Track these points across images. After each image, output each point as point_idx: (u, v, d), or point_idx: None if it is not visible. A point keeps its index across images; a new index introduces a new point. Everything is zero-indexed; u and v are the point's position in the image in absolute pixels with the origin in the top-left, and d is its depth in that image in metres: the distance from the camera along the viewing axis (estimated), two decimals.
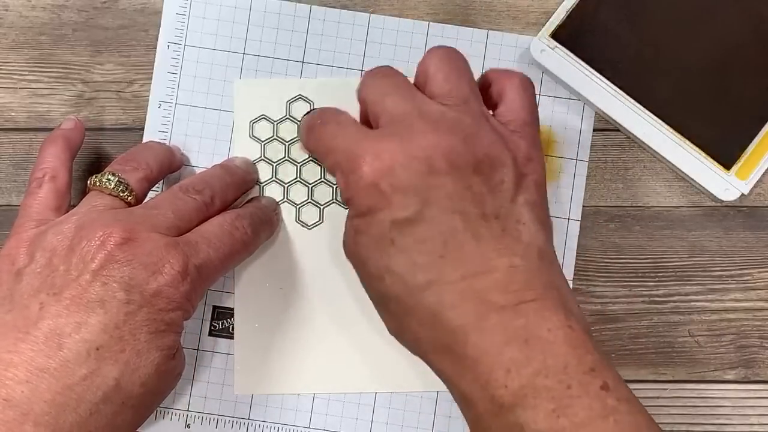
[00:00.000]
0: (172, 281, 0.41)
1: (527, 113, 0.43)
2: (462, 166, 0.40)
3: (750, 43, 0.51)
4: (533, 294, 0.39)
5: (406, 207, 0.39)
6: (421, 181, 0.40)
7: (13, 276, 0.41)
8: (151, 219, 0.42)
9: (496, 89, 0.44)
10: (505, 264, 0.39)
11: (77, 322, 0.40)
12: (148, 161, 0.46)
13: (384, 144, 0.40)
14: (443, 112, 0.41)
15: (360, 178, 0.40)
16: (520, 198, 0.41)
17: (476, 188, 0.40)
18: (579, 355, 0.38)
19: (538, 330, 0.38)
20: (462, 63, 0.44)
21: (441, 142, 0.40)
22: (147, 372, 0.41)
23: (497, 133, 0.41)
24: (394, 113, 0.41)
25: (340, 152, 0.42)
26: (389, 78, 0.44)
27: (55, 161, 0.46)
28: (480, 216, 0.40)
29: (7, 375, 0.39)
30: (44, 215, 0.44)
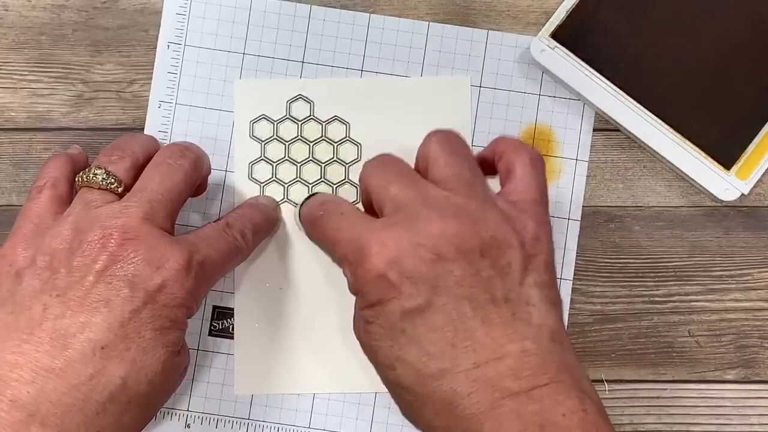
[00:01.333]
0: (176, 276, 0.41)
1: (535, 192, 0.43)
2: (469, 251, 0.39)
3: (750, 43, 0.51)
4: (546, 378, 0.38)
5: (415, 296, 0.39)
6: (429, 269, 0.39)
7: (13, 277, 0.41)
8: (150, 212, 0.42)
9: (504, 165, 0.44)
10: (517, 349, 0.39)
11: (82, 322, 0.40)
12: (133, 149, 0.45)
13: (390, 233, 0.40)
14: (447, 197, 0.41)
15: (368, 271, 0.40)
16: (528, 279, 0.40)
17: (484, 273, 0.40)
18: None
19: (553, 416, 0.38)
20: (461, 145, 0.43)
21: (447, 229, 0.40)
22: (153, 369, 0.41)
23: (503, 215, 0.41)
24: (398, 201, 0.41)
25: (346, 244, 0.41)
26: (391, 166, 0.43)
27: (56, 172, 0.46)
28: (489, 301, 0.39)
29: (12, 376, 0.39)
30: (42, 219, 0.44)
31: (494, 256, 0.40)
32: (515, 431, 0.38)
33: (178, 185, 0.44)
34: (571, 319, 0.51)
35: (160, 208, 0.43)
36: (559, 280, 0.50)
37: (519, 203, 0.42)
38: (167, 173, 0.44)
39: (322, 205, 0.45)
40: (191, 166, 0.45)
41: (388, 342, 0.40)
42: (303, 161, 0.51)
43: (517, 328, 0.39)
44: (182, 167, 0.45)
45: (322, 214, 0.44)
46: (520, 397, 0.38)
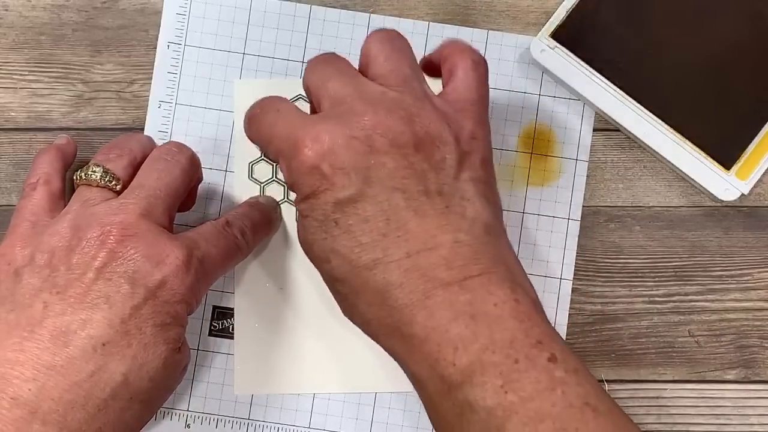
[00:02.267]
0: (177, 271, 0.41)
1: (474, 93, 0.43)
2: (402, 145, 0.40)
3: (750, 42, 0.51)
4: (479, 269, 0.39)
5: (347, 187, 0.39)
6: (362, 160, 0.39)
7: (12, 276, 0.41)
8: (148, 207, 0.43)
9: (447, 67, 0.44)
10: (450, 240, 0.39)
11: (83, 320, 0.40)
12: (131, 147, 0.46)
13: (324, 126, 0.40)
14: (383, 92, 0.41)
15: (301, 162, 0.40)
16: (464, 175, 0.41)
17: (418, 166, 0.40)
18: (526, 328, 0.38)
19: (484, 305, 0.38)
20: (402, 43, 0.44)
21: (381, 122, 0.40)
22: (154, 366, 0.41)
23: (439, 112, 0.41)
24: (335, 97, 0.41)
25: (281, 139, 0.42)
26: (331, 64, 0.43)
27: (48, 168, 0.46)
28: (422, 193, 0.40)
29: (13, 373, 0.39)
30: (39, 216, 0.44)
31: (428, 151, 0.40)
32: (447, 320, 0.38)
33: (175, 181, 0.44)
34: (571, 319, 0.51)
35: (158, 204, 0.43)
36: (559, 280, 0.51)
37: (457, 102, 0.42)
38: (164, 169, 0.44)
39: (260, 103, 0.45)
40: (188, 162, 0.45)
41: (321, 234, 0.40)
42: None
43: (450, 220, 0.40)
44: (179, 163, 0.45)
45: (259, 111, 0.44)
46: (452, 287, 0.38)
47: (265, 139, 0.43)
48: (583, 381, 0.38)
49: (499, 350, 0.37)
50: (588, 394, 0.37)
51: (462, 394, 0.37)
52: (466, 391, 0.37)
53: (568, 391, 0.37)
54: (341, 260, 0.40)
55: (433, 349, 0.38)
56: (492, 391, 0.37)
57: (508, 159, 0.51)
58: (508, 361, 0.37)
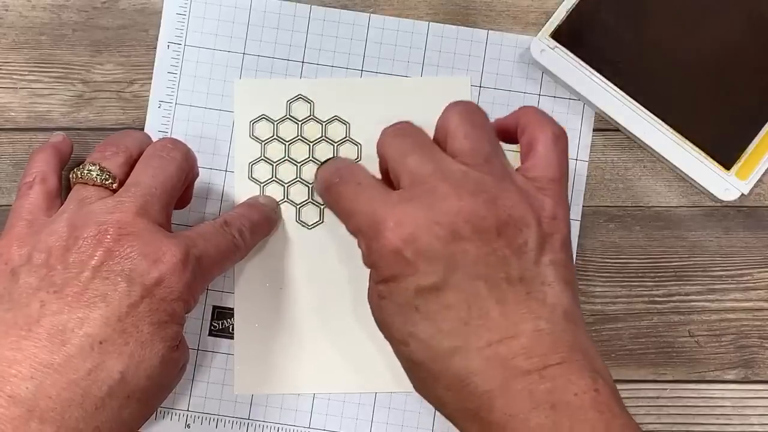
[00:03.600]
0: (174, 269, 0.41)
1: (556, 170, 0.42)
2: (485, 230, 0.39)
3: (750, 43, 0.51)
4: (559, 357, 0.38)
5: (430, 274, 0.39)
6: (445, 247, 0.39)
7: (9, 275, 0.41)
8: (144, 206, 0.42)
9: (526, 139, 0.43)
10: (530, 328, 0.39)
11: (79, 318, 0.40)
12: (126, 144, 0.45)
13: (406, 209, 0.40)
14: (465, 172, 0.40)
15: (383, 246, 0.39)
16: (544, 259, 0.40)
17: (500, 252, 0.39)
18: (606, 419, 0.37)
19: (564, 395, 0.38)
20: (482, 118, 0.43)
21: (464, 207, 0.39)
22: (152, 364, 0.41)
23: (521, 192, 0.41)
24: (415, 174, 0.41)
25: (361, 216, 0.41)
26: (410, 136, 0.43)
27: (44, 166, 0.46)
28: (504, 280, 0.39)
29: (11, 372, 0.39)
30: (35, 215, 0.44)
31: (510, 235, 0.40)
32: (526, 409, 0.37)
33: (171, 178, 0.44)
34: None
35: (154, 202, 0.43)
36: None
37: (538, 180, 0.42)
38: (160, 166, 0.44)
39: (338, 171, 0.44)
40: (183, 158, 0.45)
41: (401, 318, 0.40)
42: (303, 161, 0.51)
43: (531, 307, 0.39)
44: (174, 159, 0.45)
45: (338, 181, 0.44)
46: (531, 375, 0.38)
47: (345, 214, 0.43)
48: None
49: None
50: None
51: None
52: None
53: None
54: (420, 345, 0.39)
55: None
56: None
57: (508, 159, 0.51)
58: None
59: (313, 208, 0.51)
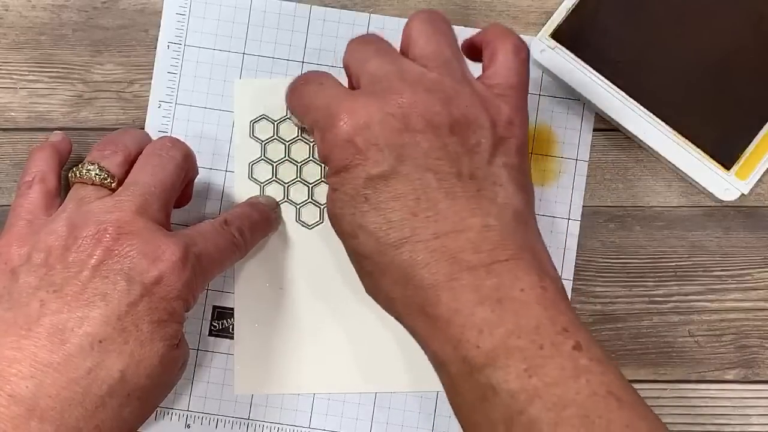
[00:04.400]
0: (173, 267, 0.41)
1: (514, 78, 0.43)
2: (438, 126, 0.40)
3: (750, 43, 0.51)
4: (507, 254, 0.39)
5: (380, 163, 0.40)
6: (397, 137, 0.40)
7: (8, 274, 0.42)
8: (144, 205, 0.42)
9: (488, 51, 0.44)
10: (479, 223, 0.39)
11: (79, 317, 0.40)
12: (125, 143, 0.45)
13: (362, 101, 0.41)
14: (423, 72, 0.41)
15: (336, 135, 0.40)
16: (497, 160, 0.41)
17: (452, 148, 0.40)
18: (551, 315, 0.38)
19: (510, 290, 0.38)
20: (444, 25, 0.44)
21: (418, 101, 0.40)
22: (152, 363, 0.41)
23: (478, 95, 0.41)
24: (374, 75, 0.42)
25: (318, 110, 0.42)
26: (372, 43, 0.44)
27: (44, 165, 0.46)
28: (455, 175, 0.40)
29: (11, 371, 0.39)
30: (35, 215, 0.44)
31: (463, 134, 0.40)
32: (472, 303, 0.38)
33: (170, 176, 0.44)
34: None
35: (153, 201, 0.43)
36: None
37: (497, 87, 0.42)
38: (159, 165, 0.44)
39: (305, 75, 0.45)
40: (182, 157, 0.45)
41: (351, 209, 0.40)
42: (303, 161, 0.51)
43: (481, 204, 0.40)
44: (173, 158, 0.45)
45: (302, 82, 0.45)
46: (478, 270, 0.38)
47: (304, 109, 0.43)
48: (608, 371, 0.38)
49: (525, 335, 0.37)
50: (612, 383, 0.38)
51: (485, 376, 0.38)
52: (488, 374, 0.37)
53: (592, 379, 0.37)
54: (369, 237, 0.40)
55: (457, 331, 0.38)
56: (515, 375, 0.37)
57: None
58: (533, 347, 0.37)
59: (313, 208, 0.51)
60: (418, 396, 0.50)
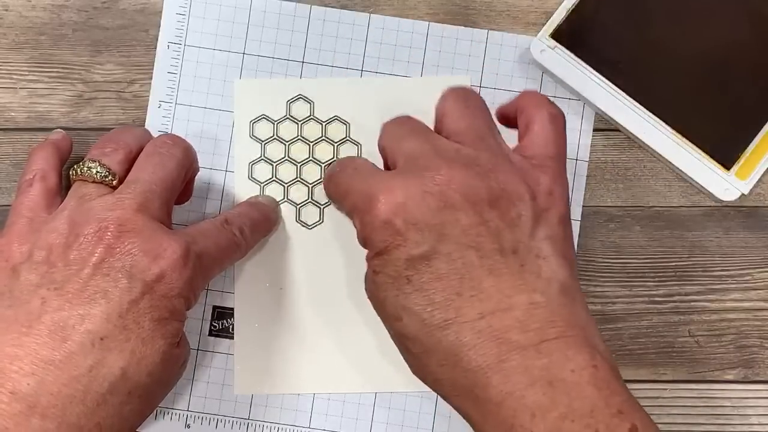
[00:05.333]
0: (174, 265, 0.41)
1: (552, 148, 0.42)
2: (477, 201, 0.39)
3: (750, 42, 0.51)
4: (555, 332, 0.38)
5: (420, 243, 0.39)
6: (436, 216, 0.39)
7: (9, 272, 0.42)
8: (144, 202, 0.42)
9: (524, 120, 0.43)
10: (525, 301, 0.38)
11: (80, 314, 0.40)
12: (126, 140, 0.45)
13: (398, 181, 0.40)
14: (458, 149, 0.41)
15: (375, 217, 0.39)
16: (539, 233, 0.40)
17: (492, 223, 0.39)
18: (605, 396, 0.37)
19: (561, 371, 0.37)
20: (476, 100, 0.43)
21: (455, 177, 0.39)
22: (153, 360, 0.41)
23: (515, 168, 0.41)
24: (409, 154, 0.41)
25: (356, 194, 0.41)
26: (405, 124, 0.43)
27: (44, 164, 0.46)
28: (497, 251, 0.39)
29: (12, 368, 0.39)
30: (36, 213, 0.44)
31: (503, 208, 0.39)
32: (523, 386, 0.37)
33: (171, 174, 0.44)
34: None
35: (154, 198, 0.43)
36: None
37: (534, 158, 0.42)
38: (159, 162, 0.44)
39: (339, 162, 0.45)
40: (183, 154, 0.45)
41: (394, 292, 0.40)
42: (303, 161, 0.51)
43: (525, 280, 0.39)
44: (174, 156, 0.45)
45: (338, 170, 0.44)
46: (527, 351, 0.37)
47: (342, 195, 0.43)
48: None
49: (579, 419, 0.36)
50: None
51: None
52: None
53: None
54: (413, 319, 0.39)
55: (509, 415, 0.37)
56: None
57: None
58: (589, 431, 0.36)
59: (313, 208, 0.51)
60: (418, 396, 0.50)
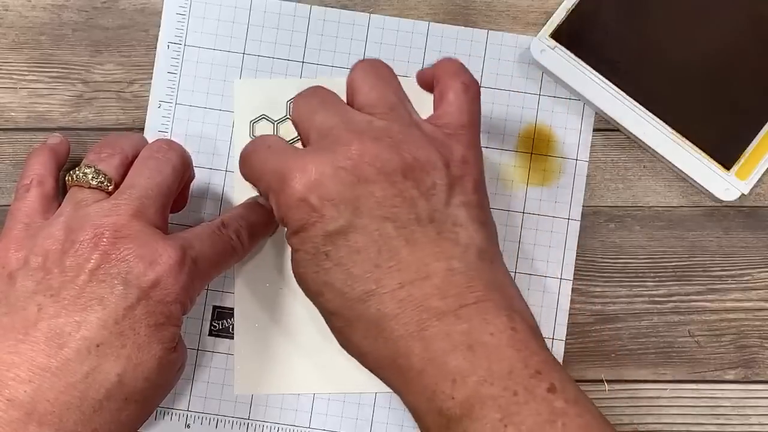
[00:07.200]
0: (170, 271, 0.41)
1: (465, 117, 0.42)
2: (390, 172, 0.39)
3: (750, 43, 0.51)
4: (474, 296, 0.38)
5: (336, 218, 0.39)
6: (350, 190, 0.39)
7: (6, 279, 0.42)
8: (140, 208, 0.42)
9: (438, 89, 0.44)
10: (443, 267, 0.39)
11: (77, 321, 0.40)
12: (122, 146, 0.45)
13: (310, 158, 0.40)
14: (369, 121, 0.41)
15: (290, 195, 0.40)
16: (455, 200, 0.40)
17: (407, 193, 0.39)
18: (524, 357, 0.37)
19: (481, 335, 0.37)
20: (386, 71, 0.43)
21: (367, 150, 0.39)
22: (149, 366, 0.41)
23: (428, 137, 0.41)
24: (321, 128, 0.41)
25: (270, 174, 0.41)
26: (316, 96, 0.43)
27: (41, 169, 0.46)
28: (413, 221, 0.39)
29: (9, 375, 0.39)
30: (32, 218, 0.44)
31: (417, 177, 0.40)
32: (444, 352, 0.37)
33: (167, 179, 0.44)
34: (571, 319, 0.51)
35: (150, 204, 0.43)
36: (559, 280, 0.50)
37: (447, 126, 0.42)
38: (155, 168, 0.44)
39: (251, 141, 0.45)
40: (179, 159, 0.45)
41: (313, 268, 0.40)
42: None
43: (443, 247, 0.39)
44: (170, 161, 0.44)
45: (251, 148, 0.44)
46: (447, 317, 0.38)
47: (257, 176, 0.43)
48: (584, 411, 0.37)
49: (498, 382, 0.37)
50: (589, 425, 0.37)
51: (461, 428, 0.37)
52: (465, 426, 0.37)
53: (568, 423, 0.36)
54: (334, 293, 0.39)
55: (431, 382, 0.37)
56: (491, 426, 0.36)
57: (508, 159, 0.51)
58: (507, 393, 0.36)
59: None
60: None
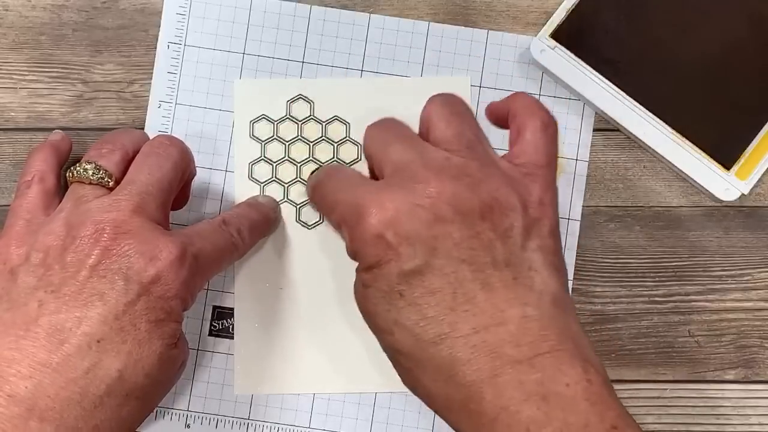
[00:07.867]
0: (170, 267, 0.41)
1: (543, 157, 0.42)
2: (468, 213, 0.39)
3: (750, 43, 0.51)
4: (548, 346, 0.37)
5: (413, 258, 0.38)
6: (427, 229, 0.38)
7: (7, 275, 0.42)
8: (141, 204, 0.42)
9: (515, 126, 0.43)
10: (518, 314, 0.38)
11: (77, 317, 0.40)
12: (123, 142, 0.45)
13: (387, 194, 0.39)
14: (447, 158, 0.40)
15: (365, 231, 0.39)
16: (531, 244, 0.39)
17: (484, 235, 0.39)
18: (599, 411, 0.37)
19: (555, 385, 0.37)
20: (463, 108, 0.43)
21: (445, 189, 0.39)
22: (150, 362, 0.41)
23: (506, 177, 0.40)
24: (397, 163, 0.40)
25: (344, 205, 0.41)
26: (392, 129, 0.43)
27: (43, 165, 0.46)
28: (490, 264, 0.38)
29: (10, 371, 0.39)
30: (33, 215, 0.44)
31: (495, 219, 0.39)
32: (518, 400, 0.37)
33: (167, 175, 0.44)
34: None
35: (150, 200, 0.43)
36: None
37: (525, 166, 0.41)
38: (156, 164, 0.44)
39: (324, 170, 0.44)
40: (180, 155, 0.45)
41: (385, 306, 0.39)
42: (303, 161, 0.51)
43: (518, 293, 0.38)
44: (171, 157, 0.44)
45: (323, 178, 0.44)
46: (521, 365, 0.37)
47: (329, 206, 0.42)
48: None
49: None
50: None
51: None
52: None
53: None
54: (406, 333, 0.39)
55: (504, 430, 0.37)
56: None
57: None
58: None
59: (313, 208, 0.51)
60: None
